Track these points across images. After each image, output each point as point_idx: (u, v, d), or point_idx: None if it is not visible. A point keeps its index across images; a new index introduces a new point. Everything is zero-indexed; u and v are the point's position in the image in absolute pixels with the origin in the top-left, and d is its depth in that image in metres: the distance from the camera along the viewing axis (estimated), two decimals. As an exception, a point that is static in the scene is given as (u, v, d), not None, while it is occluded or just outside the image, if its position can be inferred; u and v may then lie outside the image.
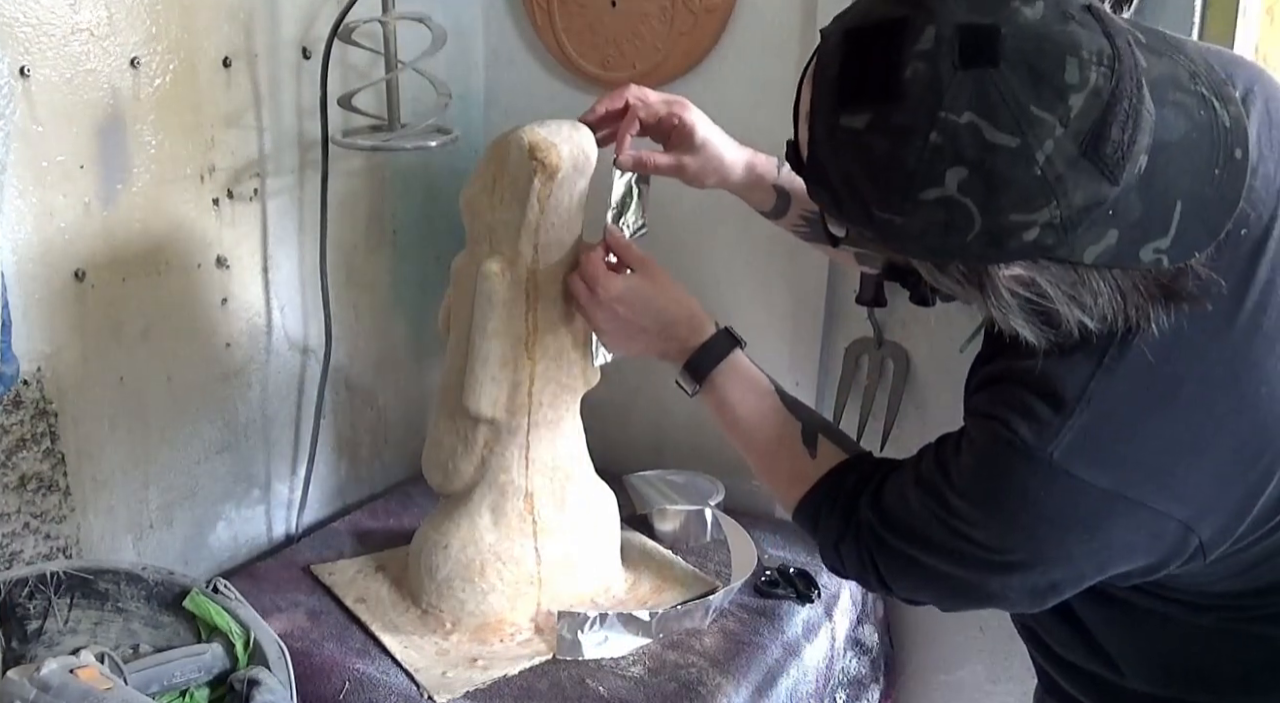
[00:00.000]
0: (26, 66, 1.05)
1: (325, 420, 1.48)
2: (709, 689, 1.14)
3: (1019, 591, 0.79)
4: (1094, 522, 0.72)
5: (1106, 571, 0.76)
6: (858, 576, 0.91)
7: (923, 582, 0.86)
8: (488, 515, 1.22)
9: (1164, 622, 0.85)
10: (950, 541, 0.79)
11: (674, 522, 1.44)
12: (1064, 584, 0.78)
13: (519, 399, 1.17)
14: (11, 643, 1.00)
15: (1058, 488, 0.72)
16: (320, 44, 1.30)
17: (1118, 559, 0.75)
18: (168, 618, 1.06)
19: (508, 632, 1.23)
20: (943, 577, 0.82)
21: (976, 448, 0.78)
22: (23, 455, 1.14)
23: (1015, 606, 0.84)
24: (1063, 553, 0.75)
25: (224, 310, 1.33)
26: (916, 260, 0.71)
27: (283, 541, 1.48)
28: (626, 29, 1.48)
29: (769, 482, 1.01)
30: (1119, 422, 0.72)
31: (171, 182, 1.23)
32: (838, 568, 0.94)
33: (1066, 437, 0.72)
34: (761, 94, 1.44)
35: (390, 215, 1.54)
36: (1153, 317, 0.70)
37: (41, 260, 1.11)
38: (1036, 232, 0.64)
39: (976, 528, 0.77)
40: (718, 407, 1.02)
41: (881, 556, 0.87)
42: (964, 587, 0.82)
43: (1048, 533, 0.74)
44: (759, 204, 1.15)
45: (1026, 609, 0.86)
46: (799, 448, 0.97)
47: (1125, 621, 0.86)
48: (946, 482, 0.79)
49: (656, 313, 1.04)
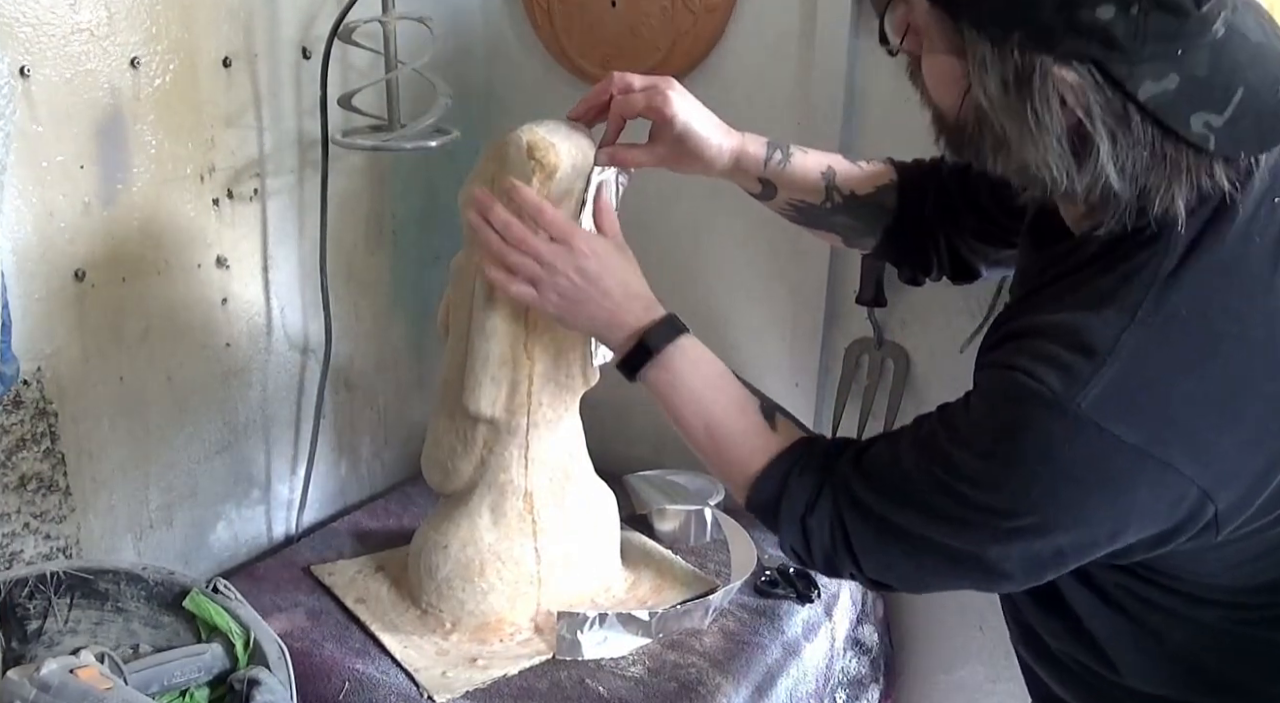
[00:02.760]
0: (26, 66, 1.05)
1: (325, 420, 1.48)
2: (709, 689, 1.14)
3: (1017, 561, 0.75)
4: (1118, 482, 0.69)
5: (1118, 539, 0.73)
6: (824, 554, 0.85)
7: (903, 555, 0.81)
8: (487, 515, 1.22)
9: (1163, 617, 0.83)
10: (951, 506, 0.75)
11: (674, 522, 1.45)
12: (1070, 553, 0.74)
13: (519, 399, 1.17)
14: (11, 643, 1.00)
15: (1083, 442, 0.68)
16: (320, 44, 1.30)
17: (1133, 526, 0.72)
18: (168, 618, 1.06)
19: (507, 632, 1.23)
20: (930, 549, 0.78)
21: (993, 401, 0.74)
22: (23, 455, 1.14)
23: (1005, 580, 0.78)
24: (1080, 516, 0.71)
25: (224, 310, 1.33)
26: (975, 40, 0.69)
27: (283, 541, 1.48)
28: (626, 29, 1.48)
29: (723, 457, 0.94)
30: (1152, 376, 0.68)
31: (171, 181, 1.23)
32: (799, 547, 0.87)
33: (1096, 387, 0.68)
34: (761, 94, 1.44)
35: (390, 215, 1.54)
36: (1178, 206, 0.68)
37: (41, 260, 1.11)
38: (1111, 11, 0.63)
39: (987, 490, 0.73)
40: (670, 384, 0.95)
41: (858, 524, 0.82)
42: (954, 559, 0.78)
43: (1068, 493, 0.70)
44: (746, 188, 1.13)
45: (1017, 585, 0.79)
46: (759, 420, 0.92)
47: (1123, 614, 0.84)
48: (955, 440, 0.76)
49: (624, 281, 1.00)
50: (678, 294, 1.57)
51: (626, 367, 0.98)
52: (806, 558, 0.88)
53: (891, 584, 0.86)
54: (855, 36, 1.35)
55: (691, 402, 0.94)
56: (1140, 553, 0.75)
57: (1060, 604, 0.87)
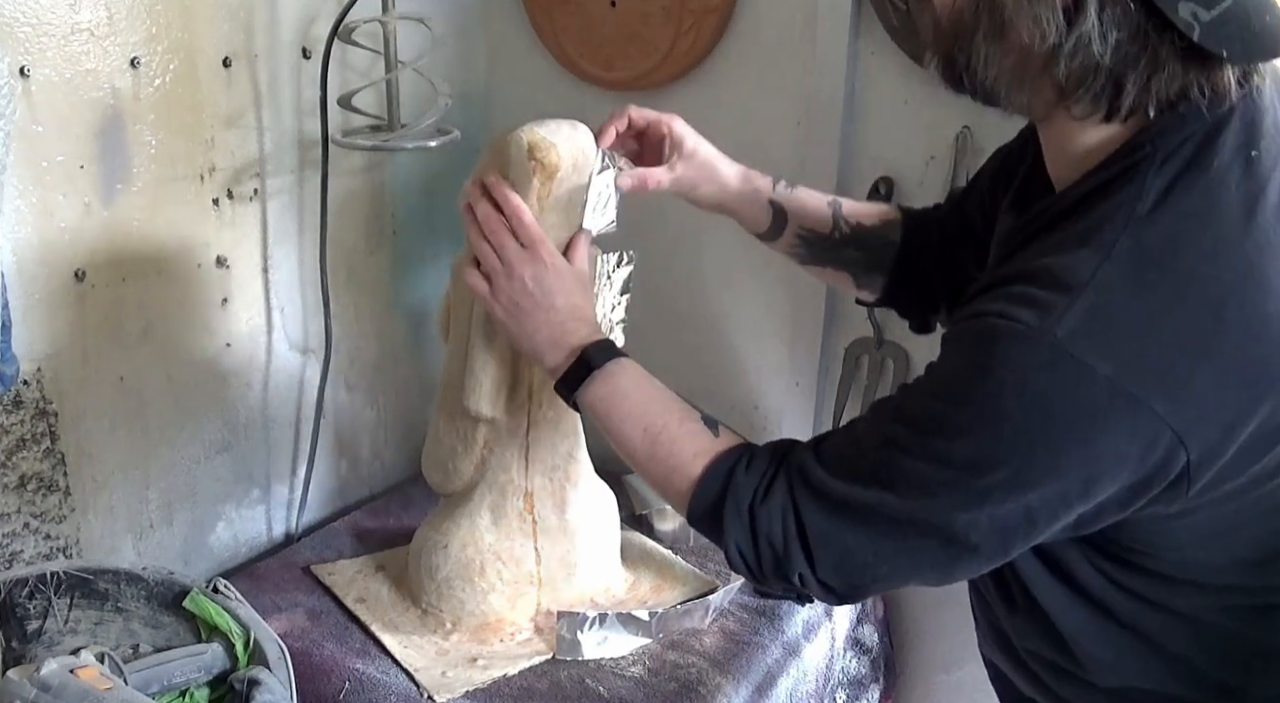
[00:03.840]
0: (26, 66, 1.05)
1: (325, 420, 1.48)
2: (709, 689, 1.14)
3: (986, 529, 0.73)
4: (1092, 418, 0.68)
5: (1090, 493, 0.71)
6: (772, 552, 0.81)
7: (862, 542, 0.78)
8: (488, 515, 1.22)
9: (1135, 606, 0.82)
10: (918, 470, 0.74)
11: (674, 522, 1.45)
12: (1041, 513, 0.72)
13: (519, 399, 1.17)
14: (11, 643, 1.00)
15: (1059, 375, 0.68)
16: (320, 44, 1.30)
17: (1106, 475, 0.70)
18: (168, 618, 1.06)
19: (508, 632, 1.23)
20: (893, 529, 0.76)
21: (963, 348, 0.74)
22: (23, 455, 1.14)
23: (971, 556, 0.76)
24: (1053, 463, 0.69)
25: (224, 310, 1.33)
26: None
27: (283, 541, 1.48)
28: (626, 29, 1.48)
29: (664, 463, 0.90)
30: (1125, 309, 0.68)
31: (171, 181, 1.23)
32: (745, 545, 0.83)
33: (1071, 319, 0.68)
34: (761, 94, 1.44)
35: (390, 215, 1.54)
36: (1150, 97, 0.70)
37: (41, 260, 1.11)
38: None
39: (957, 440, 0.72)
40: (609, 397, 0.93)
41: (813, 509, 0.79)
42: (918, 535, 0.75)
43: (1042, 432, 0.69)
44: (754, 223, 1.13)
45: (982, 562, 0.77)
46: (701, 426, 0.90)
47: (1091, 604, 0.83)
48: (922, 396, 0.75)
49: (574, 303, 0.99)
50: (679, 295, 1.58)
51: (565, 385, 0.96)
52: (752, 558, 0.83)
53: (842, 585, 0.81)
54: (855, 36, 1.35)
55: (631, 414, 0.92)
56: (1110, 515, 0.73)
57: (1028, 598, 0.85)
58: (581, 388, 0.94)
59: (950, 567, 0.78)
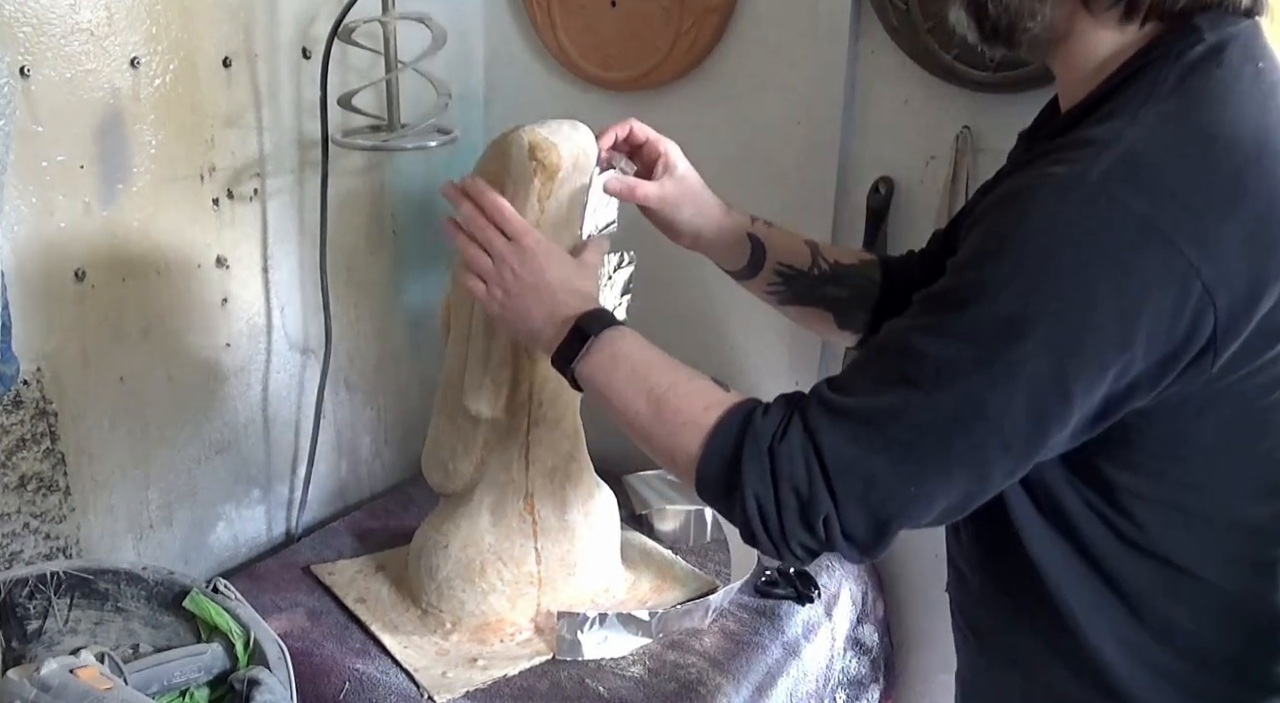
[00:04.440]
0: (26, 66, 1.05)
1: (325, 420, 1.48)
2: (709, 689, 1.14)
3: (1020, 415, 0.71)
4: (1126, 258, 0.68)
5: (1126, 350, 0.69)
6: (795, 494, 0.76)
7: (886, 463, 0.74)
8: (488, 516, 1.22)
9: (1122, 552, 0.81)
10: (946, 350, 0.72)
11: (674, 522, 1.45)
12: (1075, 387, 0.70)
13: (519, 399, 1.17)
14: (11, 643, 1.00)
15: (1093, 211, 0.68)
16: (320, 44, 1.30)
17: (1140, 331, 0.69)
18: (168, 618, 1.06)
19: (508, 632, 1.23)
20: (919, 437, 0.73)
21: (992, 221, 0.73)
22: (23, 455, 1.14)
23: (1004, 454, 0.73)
24: (1087, 310, 0.69)
25: (224, 310, 1.33)
26: None
27: (283, 541, 1.48)
28: (626, 29, 1.48)
29: (671, 422, 0.84)
30: (1157, 159, 0.70)
31: (171, 181, 1.23)
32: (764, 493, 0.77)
33: (1104, 162, 0.69)
34: (761, 94, 1.44)
35: (390, 215, 1.54)
36: None
37: (41, 260, 1.11)
38: None
39: (987, 301, 0.71)
40: (609, 361, 0.89)
41: (832, 438, 0.75)
42: (947, 437, 0.72)
43: (1075, 274, 0.69)
44: (733, 258, 1.12)
45: (1018, 459, 0.74)
46: (710, 384, 0.86)
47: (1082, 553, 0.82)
48: (947, 279, 0.74)
49: (566, 276, 0.96)
50: (679, 295, 1.58)
51: (562, 357, 0.92)
52: (772, 510, 0.77)
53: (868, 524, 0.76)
54: (855, 36, 1.35)
55: (633, 378, 0.87)
56: (1140, 395, 0.72)
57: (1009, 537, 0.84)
58: (579, 359, 0.90)
59: (982, 473, 0.74)
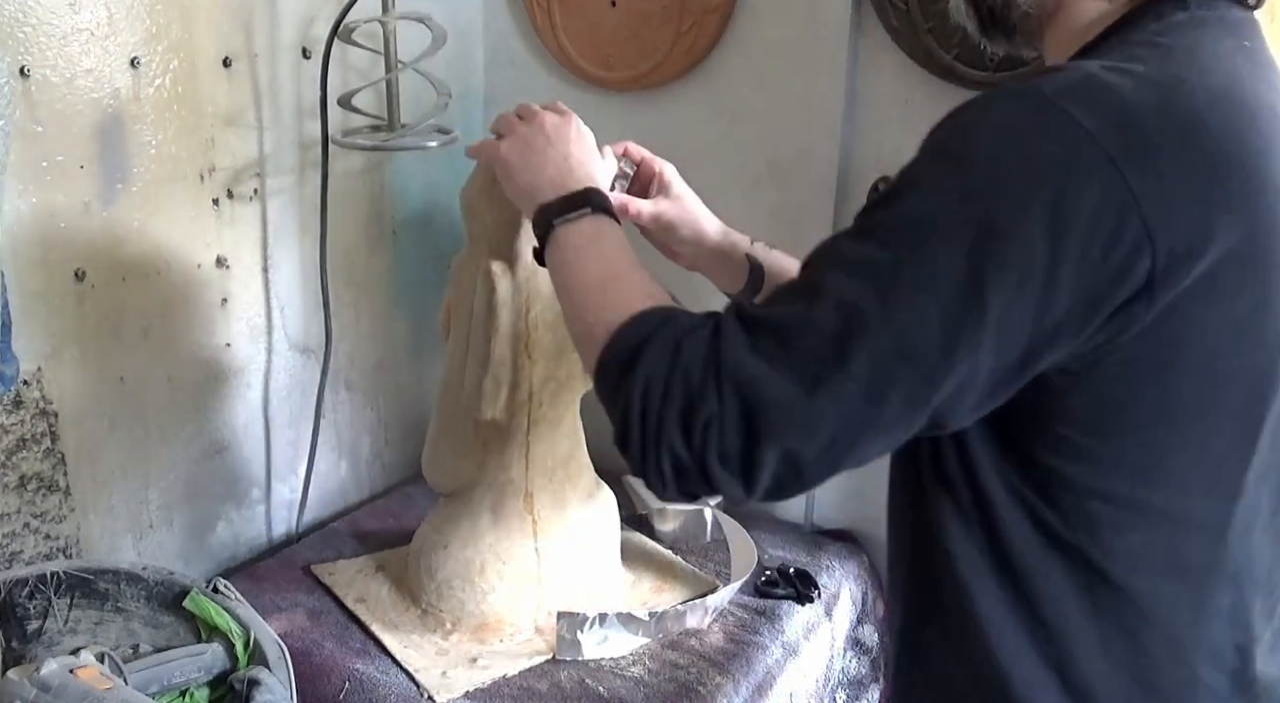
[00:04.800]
0: (26, 66, 1.05)
1: (325, 420, 1.48)
2: (709, 689, 1.14)
3: (931, 320, 0.63)
4: (1068, 168, 0.63)
5: (1053, 269, 0.63)
6: (685, 386, 0.68)
7: (783, 350, 0.66)
8: (488, 516, 1.22)
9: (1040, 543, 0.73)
10: (873, 233, 0.67)
11: (674, 522, 1.45)
12: (994, 296, 0.63)
13: (519, 399, 1.17)
14: (11, 643, 1.00)
15: (1041, 119, 0.64)
16: (320, 44, 1.30)
17: (1070, 247, 0.63)
18: (168, 618, 1.06)
19: (508, 632, 1.23)
20: (819, 326, 0.65)
21: (948, 122, 0.68)
22: (23, 455, 1.14)
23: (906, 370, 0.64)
24: (1020, 211, 0.63)
25: (224, 310, 1.33)
26: None
27: (283, 541, 1.48)
28: (626, 29, 1.48)
29: (605, 307, 0.78)
30: (1114, 85, 0.66)
31: (171, 181, 1.23)
32: (654, 380, 0.69)
33: (1059, 80, 0.66)
34: (761, 94, 1.44)
35: (390, 215, 1.54)
36: None
37: (41, 260, 1.11)
38: None
39: (917, 195, 0.67)
40: (595, 234, 0.86)
41: (737, 335, 0.68)
42: (846, 329, 0.64)
43: (1014, 175, 0.64)
44: (731, 280, 1.10)
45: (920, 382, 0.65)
46: (664, 293, 0.81)
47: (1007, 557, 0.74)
48: (895, 181, 0.69)
49: (585, 160, 0.94)
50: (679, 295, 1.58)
51: (549, 214, 0.88)
52: (658, 396, 0.69)
53: (746, 435, 0.66)
54: (855, 36, 1.35)
55: (601, 256, 0.84)
56: (1067, 340, 0.65)
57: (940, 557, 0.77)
58: (566, 220, 0.87)
59: (878, 392, 0.65)
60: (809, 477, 0.68)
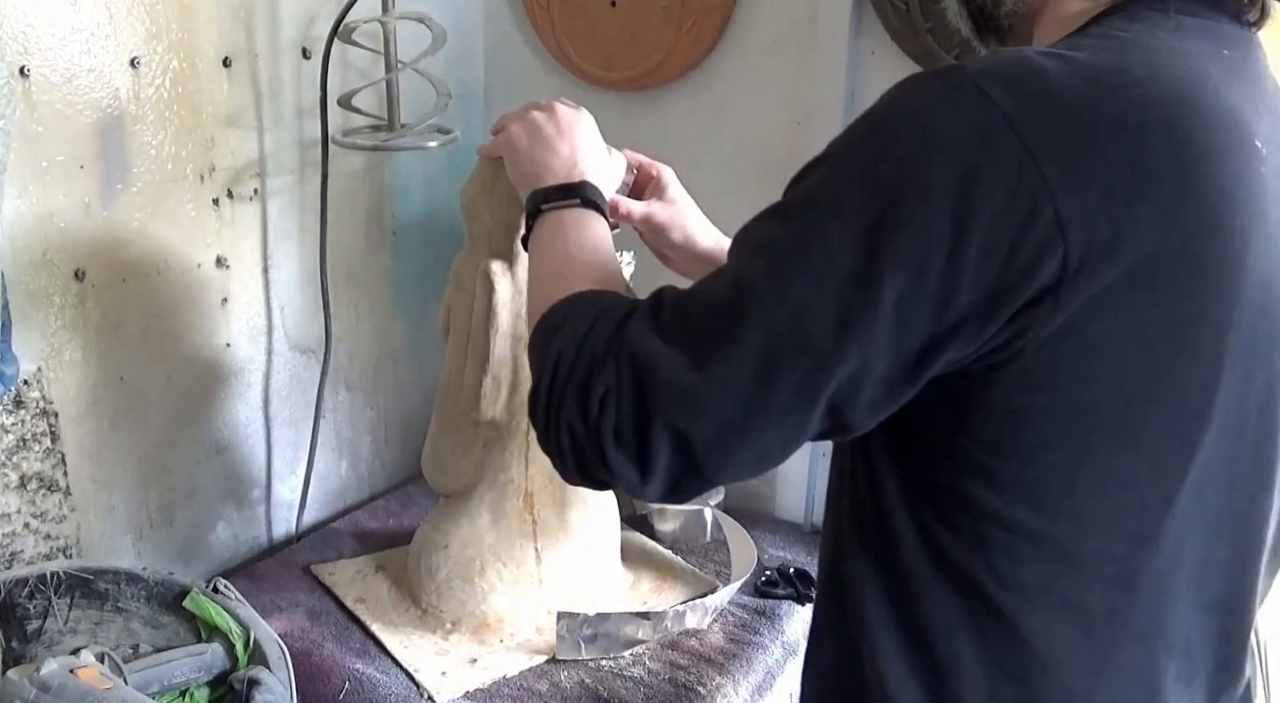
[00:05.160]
0: (26, 66, 1.05)
1: (325, 420, 1.48)
2: (709, 689, 1.14)
3: (826, 300, 0.60)
4: (979, 152, 0.59)
5: (955, 257, 0.59)
6: (593, 348, 0.67)
7: (681, 328, 0.65)
8: (488, 516, 1.22)
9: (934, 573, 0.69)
10: (781, 211, 0.65)
11: (674, 522, 1.45)
12: (891, 279, 0.59)
13: (519, 399, 1.17)
14: (11, 643, 1.00)
15: (958, 97, 0.60)
16: (320, 44, 1.30)
17: (974, 235, 0.58)
18: (168, 618, 1.06)
19: (508, 632, 1.23)
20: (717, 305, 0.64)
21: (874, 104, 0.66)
22: (23, 455, 1.14)
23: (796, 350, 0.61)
24: (923, 190, 0.59)
25: (224, 310, 1.33)
26: None
27: (283, 541, 1.48)
28: (626, 29, 1.48)
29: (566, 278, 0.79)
30: (1046, 69, 0.61)
31: (171, 182, 1.23)
32: (567, 348, 0.69)
33: (989, 62, 0.62)
34: (761, 94, 1.44)
35: (390, 215, 1.54)
36: None
37: (41, 260, 1.11)
38: None
39: (829, 168, 0.64)
40: (579, 224, 0.87)
41: (647, 314, 0.68)
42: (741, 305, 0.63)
43: (919, 152, 0.60)
44: None
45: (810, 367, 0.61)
46: (625, 284, 0.81)
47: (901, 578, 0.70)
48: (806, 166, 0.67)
49: (596, 155, 0.96)
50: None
51: (542, 198, 0.90)
52: (566, 364, 0.68)
53: (635, 415, 0.64)
54: (855, 36, 1.35)
55: (579, 244, 0.85)
56: (968, 337, 0.61)
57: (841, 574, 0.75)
58: (557, 206, 0.89)
59: (768, 372, 0.62)
60: (705, 468, 0.65)
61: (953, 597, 0.69)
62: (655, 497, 0.67)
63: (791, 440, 0.65)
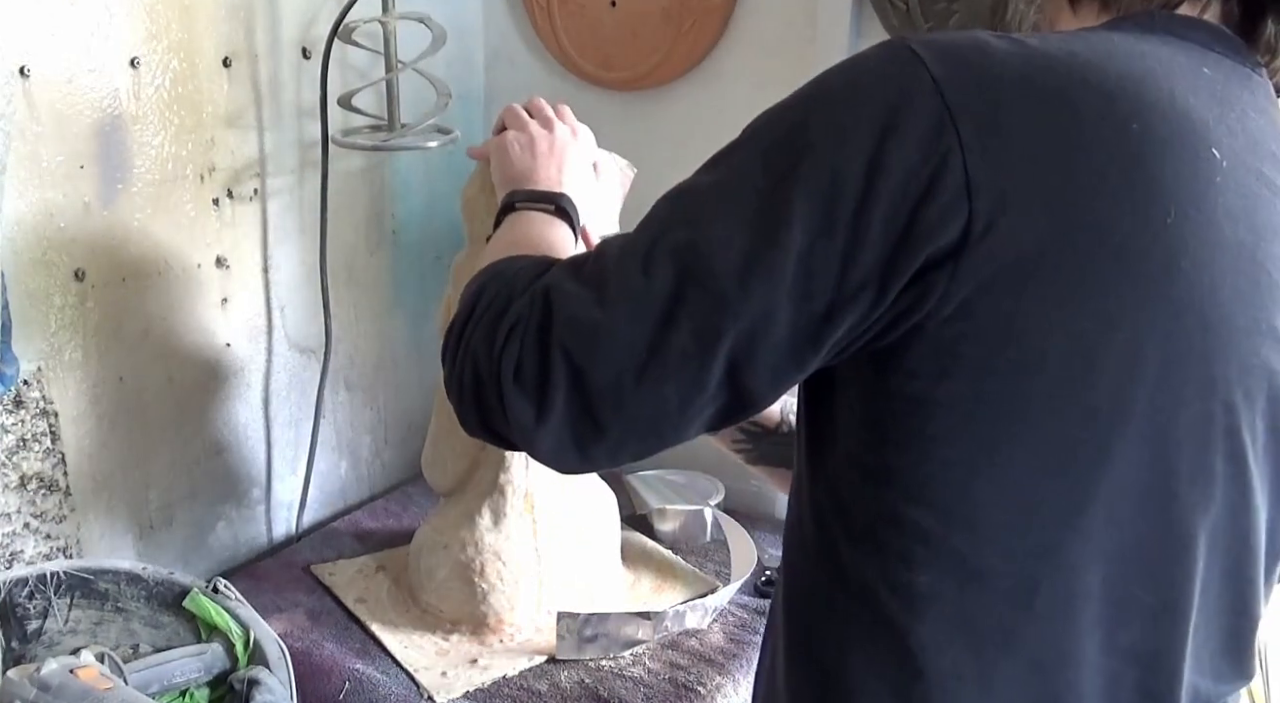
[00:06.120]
0: (26, 66, 1.05)
1: (325, 420, 1.48)
2: (709, 689, 1.14)
3: (733, 241, 0.60)
4: (901, 109, 0.58)
5: (863, 210, 0.58)
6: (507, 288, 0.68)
7: (595, 270, 0.64)
8: (488, 516, 1.22)
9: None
10: (710, 165, 0.65)
11: (674, 522, 1.45)
12: (797, 223, 0.58)
13: (519, 399, 1.17)
14: (11, 643, 1.00)
15: (891, 59, 0.60)
16: (320, 44, 1.30)
17: (885, 189, 0.57)
18: (168, 618, 1.06)
19: (508, 632, 1.23)
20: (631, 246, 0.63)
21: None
22: (23, 455, 1.14)
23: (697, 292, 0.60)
24: (842, 139, 0.59)
25: (224, 310, 1.33)
26: None
27: (283, 541, 1.48)
28: (626, 29, 1.48)
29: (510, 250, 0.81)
30: (991, 49, 0.60)
31: (171, 181, 1.23)
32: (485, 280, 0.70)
33: (937, 34, 0.62)
34: (761, 94, 1.43)
35: (390, 215, 1.54)
36: None
37: (41, 260, 1.11)
38: None
39: (762, 123, 0.65)
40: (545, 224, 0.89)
41: (569, 263, 0.68)
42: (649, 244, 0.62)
43: (843, 103, 0.60)
44: None
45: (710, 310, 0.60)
46: None
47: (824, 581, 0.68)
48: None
49: (585, 180, 0.98)
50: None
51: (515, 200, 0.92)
52: (484, 302, 0.69)
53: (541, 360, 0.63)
54: (855, 37, 1.35)
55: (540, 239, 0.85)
56: (867, 300, 0.59)
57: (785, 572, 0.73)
58: (527, 209, 0.90)
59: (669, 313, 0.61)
60: (599, 413, 0.62)
61: (851, 605, 0.66)
62: (547, 451, 0.65)
63: (688, 401, 0.62)
